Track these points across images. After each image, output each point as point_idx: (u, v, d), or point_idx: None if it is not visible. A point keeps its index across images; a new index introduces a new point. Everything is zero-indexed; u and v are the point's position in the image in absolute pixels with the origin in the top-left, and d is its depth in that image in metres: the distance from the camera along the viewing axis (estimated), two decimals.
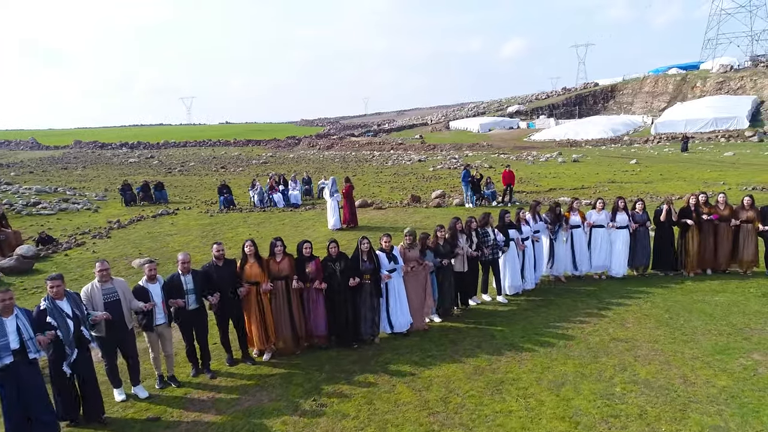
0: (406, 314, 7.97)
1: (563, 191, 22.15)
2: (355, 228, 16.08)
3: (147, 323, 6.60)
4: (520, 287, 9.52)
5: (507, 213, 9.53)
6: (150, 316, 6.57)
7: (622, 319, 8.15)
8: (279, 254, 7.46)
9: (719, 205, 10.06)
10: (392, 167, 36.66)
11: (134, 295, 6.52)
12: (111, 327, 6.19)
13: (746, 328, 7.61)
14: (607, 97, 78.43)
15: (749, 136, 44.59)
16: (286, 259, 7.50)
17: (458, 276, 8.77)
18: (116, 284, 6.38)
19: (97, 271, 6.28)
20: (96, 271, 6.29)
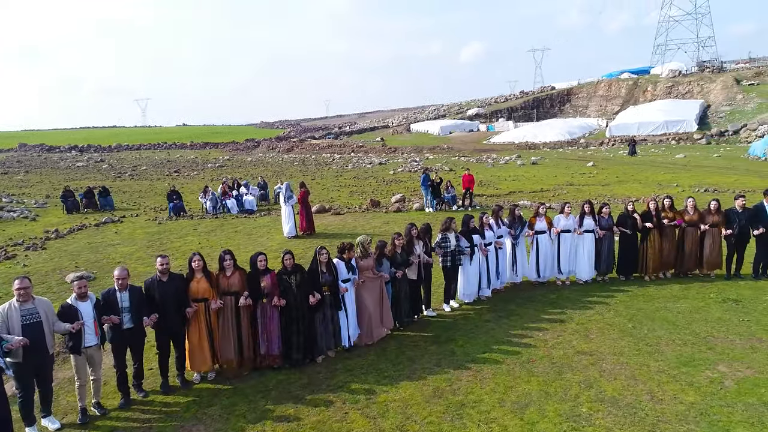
0: (354, 327, 7.58)
1: (523, 194, 22.11)
2: (312, 235, 15.46)
3: (74, 345, 5.90)
4: (473, 295, 9.20)
5: (471, 218, 9.21)
6: (78, 337, 5.85)
7: (585, 330, 7.85)
8: (229, 268, 6.87)
9: (688, 209, 9.98)
10: (352, 170, 36.09)
11: (61, 314, 5.83)
12: (29, 353, 5.46)
13: (709, 336, 7.43)
14: (563, 100, 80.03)
15: (698, 138, 46.15)
16: (236, 273, 6.91)
17: (413, 284, 8.39)
18: (38, 304, 5.65)
19: (16, 289, 5.55)
20: (14, 290, 5.57)
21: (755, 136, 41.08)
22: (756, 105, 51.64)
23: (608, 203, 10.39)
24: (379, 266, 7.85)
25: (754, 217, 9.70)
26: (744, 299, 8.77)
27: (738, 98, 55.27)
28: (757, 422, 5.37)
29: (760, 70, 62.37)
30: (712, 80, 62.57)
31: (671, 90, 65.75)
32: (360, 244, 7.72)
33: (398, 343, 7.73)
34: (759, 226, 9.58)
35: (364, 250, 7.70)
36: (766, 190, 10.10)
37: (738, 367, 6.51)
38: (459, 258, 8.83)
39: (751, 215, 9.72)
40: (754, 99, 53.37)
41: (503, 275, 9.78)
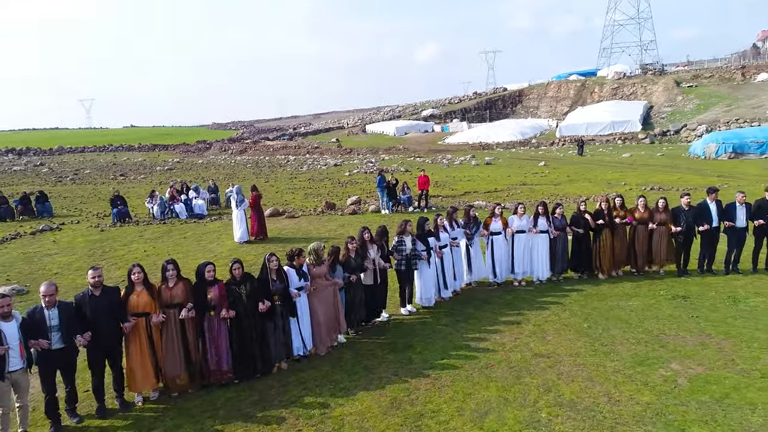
0: (307, 337, 7.29)
1: (478, 194, 22.26)
2: (265, 240, 14.98)
3: None
4: (432, 299, 9.05)
5: (426, 221, 9.07)
6: (1, 362, 5.30)
7: (542, 331, 7.82)
8: (171, 279, 6.45)
9: (639, 208, 10.16)
10: (307, 172, 35.57)
11: None
12: None
13: (661, 334, 7.52)
14: (515, 101, 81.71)
15: (642, 138, 47.97)
16: (180, 284, 6.50)
17: (368, 290, 8.19)
18: None
19: None
20: None
21: (694, 135, 43.01)
22: (695, 106, 54.16)
23: (561, 204, 10.46)
24: (332, 272, 7.58)
25: (699, 214, 9.99)
26: (692, 295, 8.98)
27: (678, 99, 57.83)
28: (711, 420, 5.41)
29: (697, 73, 65.48)
30: (655, 82, 65.24)
31: (617, 91, 68.15)
32: (313, 251, 7.45)
33: (354, 352, 7.47)
34: (703, 224, 9.87)
35: (317, 257, 7.43)
36: (708, 188, 10.42)
37: (690, 364, 6.59)
38: (415, 261, 8.68)
39: (696, 213, 10.00)
40: (692, 100, 55.95)
41: (460, 277, 9.70)
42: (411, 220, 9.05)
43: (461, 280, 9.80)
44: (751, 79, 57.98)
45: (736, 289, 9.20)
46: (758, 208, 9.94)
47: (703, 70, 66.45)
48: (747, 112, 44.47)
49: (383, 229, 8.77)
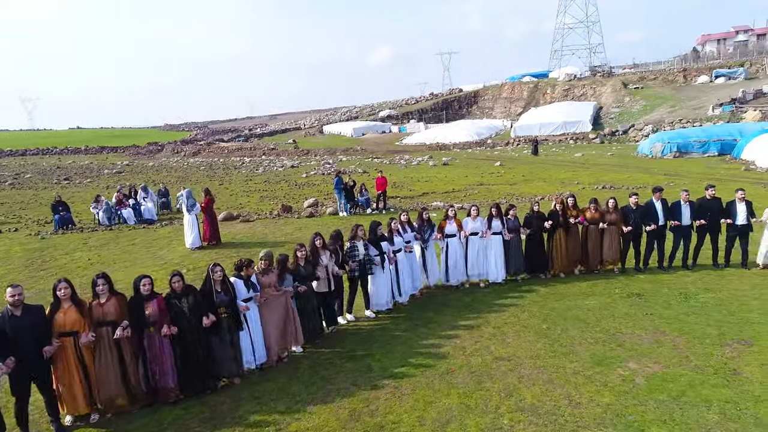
0: (260, 348, 6.95)
1: (436, 195, 22.27)
2: (218, 245, 14.46)
3: None
4: (386, 304, 8.86)
5: (379, 225, 8.86)
6: None
7: (502, 334, 7.76)
8: (103, 294, 5.99)
9: (590, 208, 10.25)
10: (263, 174, 34.83)
11: None
12: None
13: (618, 333, 7.58)
14: (470, 102, 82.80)
15: (593, 138, 49.40)
16: (113, 299, 6.05)
17: (322, 297, 7.94)
18: None
19: None
20: None
21: (641, 135, 44.59)
22: (641, 107, 56.22)
23: (515, 206, 10.48)
24: (281, 282, 7.28)
25: (646, 213, 10.19)
26: (646, 293, 9.13)
27: (626, 100, 59.91)
28: (669, 419, 5.43)
29: (643, 75, 68.06)
30: (603, 84, 67.39)
31: (568, 93, 70.04)
32: (261, 260, 7.16)
33: (311, 362, 7.20)
34: (650, 223, 10.07)
35: (265, 266, 7.13)
36: (654, 188, 10.65)
37: (646, 362, 6.64)
38: (368, 267, 8.48)
39: (643, 212, 10.20)
40: (639, 101, 58.07)
41: (416, 281, 9.54)
42: (363, 224, 8.84)
43: (417, 284, 9.61)
44: (692, 81, 60.68)
45: (686, 286, 9.42)
46: (700, 207, 10.24)
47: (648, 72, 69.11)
48: (689, 112, 46.46)
49: (337, 233, 8.54)
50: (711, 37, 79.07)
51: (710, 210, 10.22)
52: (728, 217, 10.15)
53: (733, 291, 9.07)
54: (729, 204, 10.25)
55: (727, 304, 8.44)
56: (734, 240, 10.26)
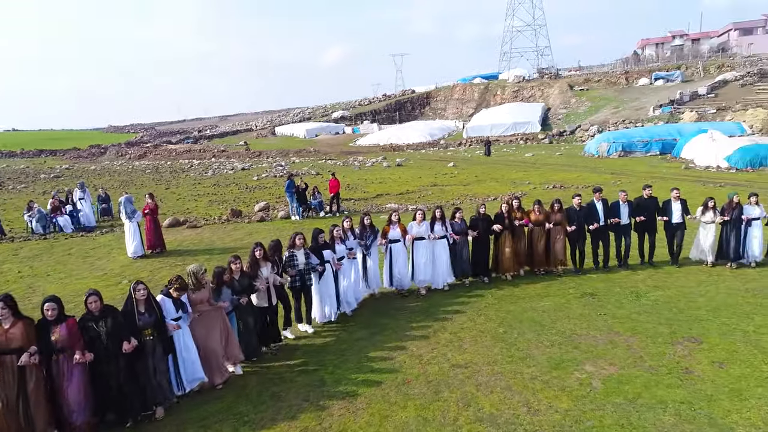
0: (197, 370, 6.37)
1: (390, 197, 22.09)
2: (163, 253, 13.74)
3: None
4: (331, 315, 8.46)
5: (321, 232, 8.49)
6: None
7: (459, 340, 7.59)
8: (5, 319, 5.28)
9: (535, 210, 10.23)
10: (212, 177, 33.76)
11: None
12: None
13: (574, 335, 7.55)
14: (423, 103, 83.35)
15: (542, 138, 50.58)
16: (18, 324, 5.33)
17: (263, 311, 7.48)
18: None
19: None
20: None
21: (587, 135, 45.98)
22: (587, 108, 58.04)
23: (461, 208, 10.28)
24: (217, 296, 6.79)
25: (588, 214, 10.30)
26: (599, 293, 9.19)
27: (572, 102, 61.73)
28: (627, 423, 5.38)
29: (588, 77, 70.29)
30: (551, 85, 69.23)
31: (517, 94, 71.56)
32: (191, 274, 6.57)
33: (260, 378, 6.80)
34: (593, 223, 10.20)
35: (196, 281, 6.56)
36: (594, 188, 10.75)
37: (602, 364, 6.61)
38: (309, 277, 8.08)
39: (586, 213, 10.30)
40: (585, 103, 59.94)
41: (359, 290, 9.20)
42: (303, 232, 8.39)
43: (359, 294, 9.23)
44: (633, 83, 63.11)
45: (637, 284, 9.56)
46: (638, 206, 10.46)
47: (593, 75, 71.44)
48: (632, 113, 48.28)
49: (276, 243, 8.07)
50: (650, 41, 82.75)
51: (647, 209, 10.44)
52: (664, 215, 10.39)
53: (680, 288, 9.26)
54: (665, 203, 10.48)
55: (676, 302, 8.59)
56: (673, 238, 10.51)
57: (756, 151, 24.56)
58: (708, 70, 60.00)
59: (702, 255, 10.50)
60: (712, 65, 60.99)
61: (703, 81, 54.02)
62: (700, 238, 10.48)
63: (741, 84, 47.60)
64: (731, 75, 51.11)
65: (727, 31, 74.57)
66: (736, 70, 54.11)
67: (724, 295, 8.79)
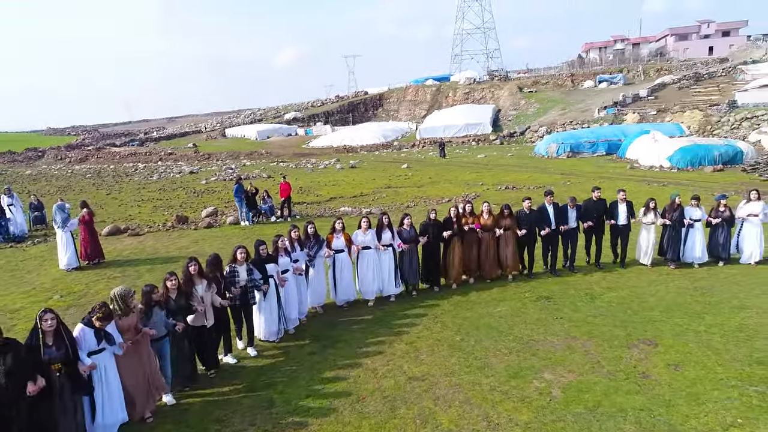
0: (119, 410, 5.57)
1: (344, 200, 21.69)
2: (101, 264, 12.85)
3: None
4: (276, 333, 7.86)
5: (262, 244, 7.78)
6: None
7: (415, 350, 7.31)
8: None
9: (484, 214, 9.95)
10: (158, 181, 32.35)
11: None
12: None
13: (531, 340, 7.41)
14: (376, 104, 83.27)
15: (493, 139, 51.38)
16: None
17: (200, 333, 6.76)
18: None
19: None
20: None
21: (537, 136, 47.05)
22: (535, 109, 59.43)
23: (409, 214, 9.77)
24: (147, 320, 6.03)
25: (539, 218, 10.17)
26: (554, 296, 9.13)
27: (521, 103, 63.07)
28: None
29: (536, 79, 72.04)
30: (501, 87, 70.53)
31: (468, 96, 72.55)
32: (118, 299, 5.79)
33: (202, 403, 6.29)
34: (544, 226, 10.06)
35: (124, 306, 5.81)
36: (546, 191, 10.69)
37: (561, 372, 6.47)
38: (252, 295, 7.46)
39: (537, 216, 10.16)
40: (533, 104, 61.36)
41: (304, 304, 8.68)
42: (245, 245, 7.61)
43: (304, 308, 8.67)
44: (579, 85, 65.13)
45: (591, 286, 9.56)
46: (586, 209, 10.47)
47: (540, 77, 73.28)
48: (578, 115, 49.72)
49: (215, 258, 7.28)
50: (593, 45, 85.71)
51: (596, 211, 10.47)
52: (611, 217, 10.46)
53: (633, 288, 9.32)
54: (612, 205, 10.54)
55: (630, 303, 8.61)
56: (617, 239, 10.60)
57: (695, 151, 25.61)
58: (648, 73, 62.67)
59: (642, 257, 10.59)
60: (651, 69, 63.75)
61: (643, 84, 56.35)
62: (641, 240, 10.59)
63: (678, 87, 49.89)
64: (669, 78, 53.48)
65: (664, 36, 78.16)
66: (674, 73, 56.76)
67: (674, 295, 8.89)
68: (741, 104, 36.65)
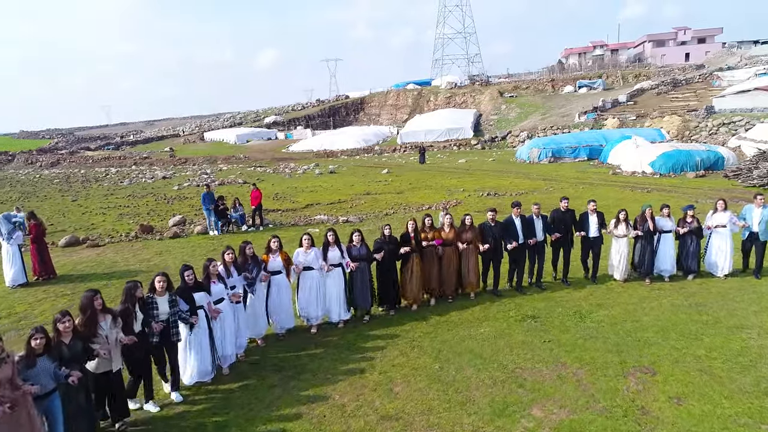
0: None
1: (320, 207, 20.87)
2: (52, 279, 11.82)
3: None
4: (209, 373, 6.76)
5: (188, 270, 6.64)
6: None
7: (389, 381, 6.54)
8: None
9: (444, 227, 9.14)
10: (128, 187, 31.12)
11: None
12: None
13: (517, 368, 6.70)
14: (357, 109, 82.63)
15: (474, 144, 51.03)
16: None
17: (105, 379, 5.62)
18: None
19: None
20: None
21: (518, 141, 46.77)
22: (516, 114, 59.31)
23: (360, 230, 8.74)
24: (26, 370, 4.77)
25: (506, 230, 9.39)
26: (541, 315, 8.44)
27: (503, 108, 62.93)
28: None
29: (517, 84, 72.10)
30: (482, 92, 70.41)
31: (450, 100, 72.30)
32: None
33: None
34: (511, 241, 9.27)
35: None
36: (513, 202, 9.76)
37: (551, 407, 5.76)
38: (175, 330, 6.29)
39: (502, 229, 9.37)
40: (514, 109, 61.26)
41: (243, 337, 7.50)
42: (165, 273, 6.36)
43: (244, 341, 7.54)
44: (559, 90, 65.27)
45: (579, 303, 8.91)
46: (554, 220, 9.82)
47: (521, 82, 73.38)
48: (558, 120, 49.61)
49: (133, 285, 6.05)
50: (573, 51, 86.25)
51: (564, 223, 9.83)
52: (581, 229, 9.84)
53: (624, 306, 8.69)
54: (582, 216, 9.91)
55: (622, 322, 7.97)
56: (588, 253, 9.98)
57: (677, 157, 25.36)
58: (626, 78, 63.07)
59: (615, 271, 9.96)
60: (630, 74, 64.18)
61: (622, 89, 56.58)
62: (612, 254, 9.95)
63: (657, 92, 50.12)
64: (647, 84, 53.76)
65: (642, 42, 78.95)
66: (652, 79, 57.14)
67: (668, 313, 8.28)
68: (718, 110, 36.75)
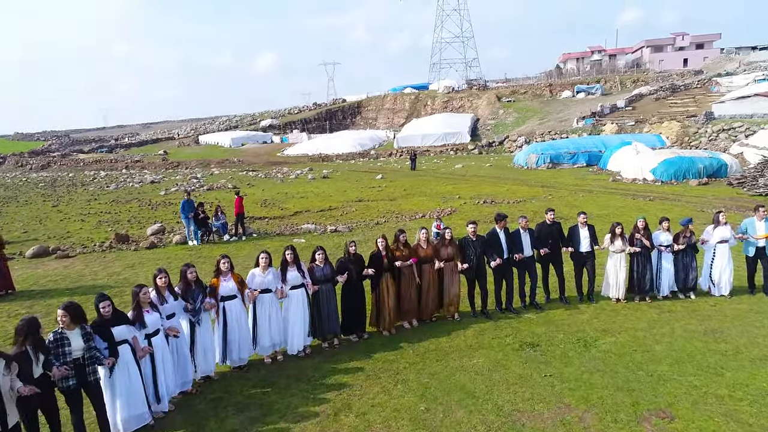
0: None
1: (310, 214, 19.99)
2: (10, 296, 10.91)
3: None
4: (142, 418, 5.71)
5: (104, 299, 5.51)
6: None
7: (367, 426, 5.66)
8: None
9: (421, 243, 8.30)
10: (114, 192, 30.18)
11: None
12: None
13: (515, 410, 5.83)
14: (354, 112, 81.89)
15: (471, 149, 50.26)
16: None
17: None
18: None
19: None
20: None
21: (515, 146, 46.06)
22: (514, 119, 58.59)
23: (323, 248, 7.80)
24: None
25: (489, 245, 8.59)
26: (541, 342, 7.58)
27: (500, 113, 62.23)
28: None
29: (514, 89, 71.44)
30: (479, 96, 69.73)
31: (447, 104, 71.60)
32: None
33: None
34: (495, 257, 8.46)
35: None
36: (496, 215, 8.99)
37: None
38: (93, 369, 5.30)
39: (485, 244, 8.59)
40: (512, 114, 60.55)
41: (188, 372, 6.53)
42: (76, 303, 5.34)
43: (189, 376, 6.56)
44: (557, 95, 64.64)
45: (583, 328, 8.04)
46: (540, 233, 9.05)
47: (519, 87, 72.72)
48: (557, 125, 48.89)
49: (30, 321, 5.07)
50: (571, 56, 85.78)
51: (550, 236, 9.03)
52: (570, 243, 9.02)
53: (632, 331, 7.84)
54: (571, 229, 9.12)
55: (631, 353, 7.11)
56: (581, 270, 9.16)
57: (679, 163, 24.60)
58: (624, 84, 62.48)
59: (611, 290, 9.12)
60: (628, 80, 63.60)
61: (621, 94, 55.98)
62: (608, 271, 9.11)
63: (655, 98, 49.51)
64: (646, 89, 53.15)
65: (640, 48, 78.48)
66: (650, 84, 56.55)
67: (682, 341, 7.43)
68: (718, 116, 36.10)
